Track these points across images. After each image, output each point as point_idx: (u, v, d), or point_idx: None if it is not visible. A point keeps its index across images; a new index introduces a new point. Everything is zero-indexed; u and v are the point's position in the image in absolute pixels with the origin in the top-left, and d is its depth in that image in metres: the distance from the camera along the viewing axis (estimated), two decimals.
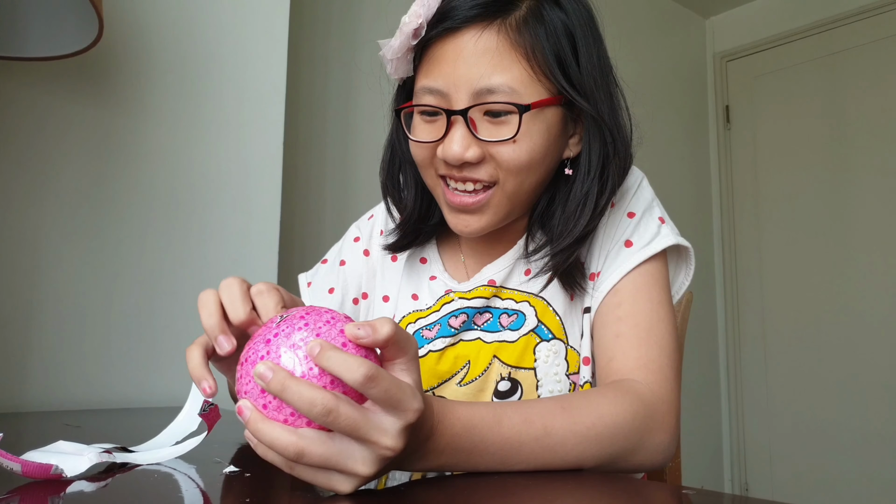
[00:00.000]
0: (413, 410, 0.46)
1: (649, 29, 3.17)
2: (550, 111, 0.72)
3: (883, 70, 2.88)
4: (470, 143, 0.71)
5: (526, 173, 0.73)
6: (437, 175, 0.76)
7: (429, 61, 0.74)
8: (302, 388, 0.44)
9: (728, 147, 3.38)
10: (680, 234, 0.80)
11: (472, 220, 0.76)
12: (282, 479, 0.53)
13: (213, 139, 1.43)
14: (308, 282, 0.96)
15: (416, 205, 0.85)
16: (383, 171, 0.87)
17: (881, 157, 2.86)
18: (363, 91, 2.05)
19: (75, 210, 1.25)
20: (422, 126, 0.75)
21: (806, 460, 2.95)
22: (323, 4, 2.01)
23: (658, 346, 0.72)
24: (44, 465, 0.50)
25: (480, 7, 0.70)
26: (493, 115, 0.71)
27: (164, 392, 1.31)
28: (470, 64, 0.70)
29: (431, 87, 0.72)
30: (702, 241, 3.30)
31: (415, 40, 0.74)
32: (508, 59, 0.70)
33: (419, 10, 0.72)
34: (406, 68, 0.77)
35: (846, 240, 2.93)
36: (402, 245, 0.88)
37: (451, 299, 0.84)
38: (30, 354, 1.19)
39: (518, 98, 0.70)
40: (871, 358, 2.80)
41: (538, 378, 0.77)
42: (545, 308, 0.80)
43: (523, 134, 0.70)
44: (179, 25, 1.41)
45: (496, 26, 0.70)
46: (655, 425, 0.66)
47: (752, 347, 3.19)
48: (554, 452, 0.58)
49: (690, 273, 0.84)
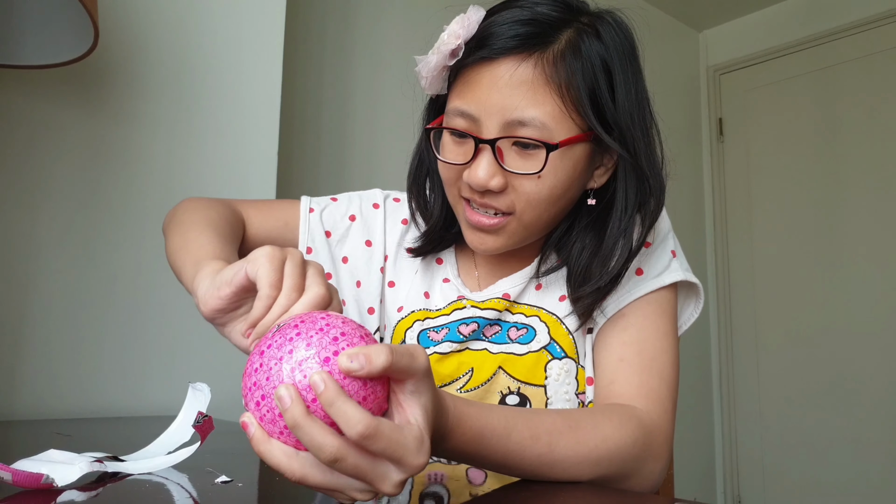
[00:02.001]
0: (415, 466, 0.44)
1: (643, 42, 3.18)
2: (579, 147, 0.72)
3: (875, 84, 2.91)
4: (495, 173, 0.71)
5: (545, 207, 0.73)
6: (459, 195, 0.76)
7: (463, 83, 0.73)
8: (315, 431, 0.42)
9: (721, 159, 3.39)
10: (690, 271, 0.81)
11: (488, 240, 0.76)
12: (273, 489, 0.53)
13: (208, 148, 1.43)
14: (311, 208, 0.92)
15: (441, 212, 0.85)
16: (410, 177, 0.87)
17: (873, 169, 2.88)
18: (358, 100, 2.05)
19: (69, 218, 1.25)
20: (450, 146, 0.75)
21: (798, 473, 2.95)
22: (318, 14, 2.02)
23: (659, 375, 0.73)
24: (35, 474, 0.50)
25: (521, 39, 0.70)
26: (522, 146, 0.70)
27: (156, 401, 1.30)
28: (504, 94, 0.69)
29: (463, 111, 0.72)
30: (695, 252, 3.31)
31: (451, 60, 0.74)
32: (542, 94, 0.69)
33: (459, 30, 0.72)
34: (441, 85, 0.78)
35: (839, 252, 2.94)
36: (426, 251, 0.88)
37: (463, 306, 0.84)
38: (21, 362, 1.18)
39: (548, 134, 0.69)
40: (864, 371, 2.81)
41: (548, 396, 0.78)
42: (558, 325, 0.80)
43: (548, 171, 0.70)
44: (175, 34, 1.41)
45: (534, 59, 0.69)
46: (652, 454, 0.67)
47: (744, 359, 3.20)
48: (552, 469, 0.59)
49: (699, 308, 0.84)
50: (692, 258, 3.25)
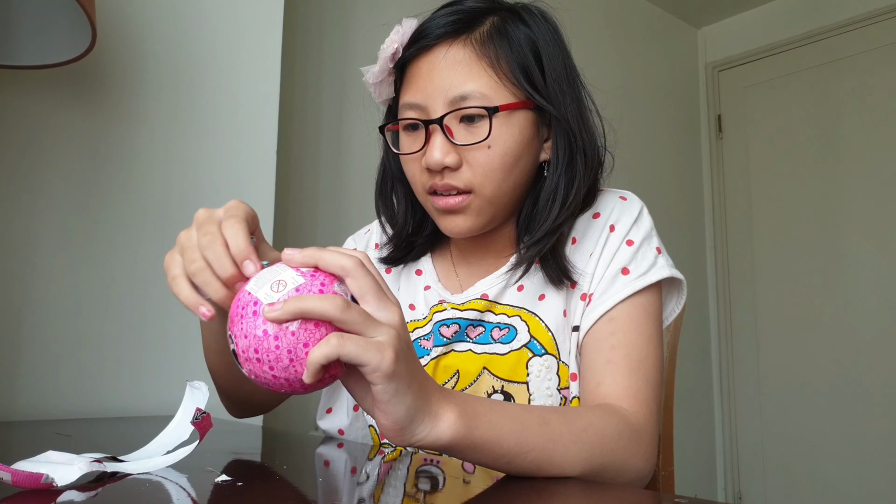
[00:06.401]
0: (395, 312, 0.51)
1: (642, 39, 3.19)
2: (520, 115, 0.78)
3: (873, 80, 2.91)
4: (449, 150, 0.76)
5: (502, 177, 0.78)
6: (425, 191, 0.80)
7: (407, 80, 0.81)
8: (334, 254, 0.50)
9: (720, 156, 3.39)
10: (674, 266, 0.83)
11: (458, 220, 0.80)
12: (274, 489, 0.53)
13: (206, 148, 1.43)
14: None
15: (406, 218, 0.90)
16: (377, 190, 0.92)
17: (872, 165, 2.88)
18: (356, 99, 2.05)
19: (67, 218, 1.25)
20: (406, 141, 0.82)
21: (799, 469, 2.95)
22: (316, 13, 2.02)
23: (645, 378, 0.75)
24: (35, 474, 0.49)
25: (449, 25, 0.78)
26: (468, 119, 0.77)
27: (155, 401, 1.30)
28: (443, 76, 0.77)
29: (411, 103, 0.79)
30: (694, 249, 3.31)
31: (392, 63, 0.83)
32: (477, 69, 0.77)
33: (395, 36, 0.82)
34: (388, 90, 0.86)
35: (838, 248, 2.94)
36: (396, 258, 0.92)
37: (443, 308, 0.86)
38: (20, 363, 1.18)
39: (489, 102, 0.76)
40: (865, 367, 2.81)
41: (530, 392, 0.79)
42: (538, 324, 0.82)
43: (495, 138, 0.76)
44: (173, 34, 1.41)
45: (462, 40, 0.78)
46: (640, 451, 0.69)
47: (744, 356, 3.20)
48: (555, 445, 0.60)
49: (682, 303, 0.87)
50: (691, 254, 3.27)
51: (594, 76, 0.91)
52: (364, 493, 0.56)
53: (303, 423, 1.77)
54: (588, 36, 2.85)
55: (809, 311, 2.99)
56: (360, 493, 0.57)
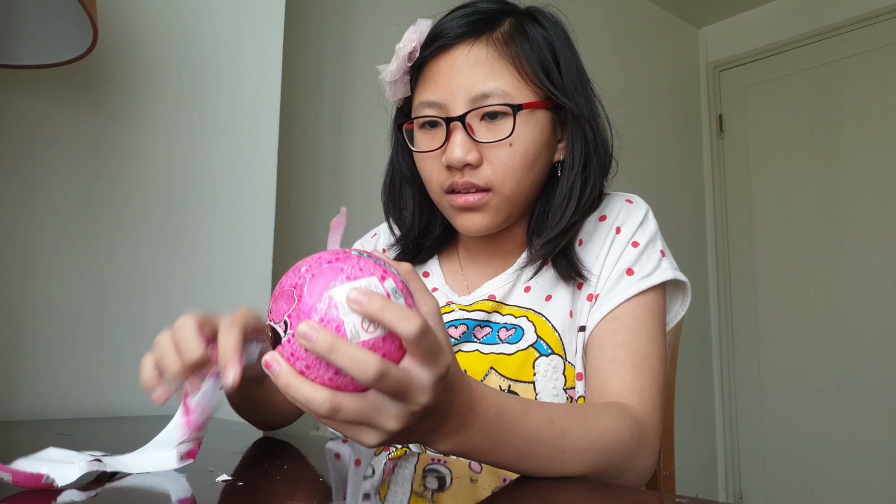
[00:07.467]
0: (444, 365, 0.47)
1: (643, 39, 3.19)
2: (540, 114, 0.79)
3: (874, 79, 2.90)
4: (471, 147, 0.77)
5: (521, 175, 0.78)
6: (442, 190, 0.80)
7: (425, 79, 0.81)
8: (354, 350, 0.44)
9: (721, 156, 3.39)
10: (678, 269, 0.83)
11: (476, 218, 0.80)
12: (275, 489, 0.53)
13: (207, 147, 1.43)
14: None
15: (414, 220, 0.90)
16: (384, 191, 0.92)
17: (873, 165, 2.88)
18: (358, 99, 2.05)
19: (67, 217, 1.25)
20: (423, 139, 0.81)
21: (800, 469, 2.95)
22: (317, 13, 2.02)
23: (650, 375, 0.75)
24: (35, 474, 0.49)
25: (469, 25, 0.79)
26: (490, 117, 0.77)
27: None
28: (464, 74, 0.77)
29: (430, 101, 0.79)
30: (695, 249, 3.31)
31: (410, 63, 0.82)
32: (499, 68, 0.77)
33: (412, 35, 0.81)
34: (404, 89, 0.85)
35: (840, 248, 2.94)
36: (404, 260, 0.90)
37: (451, 309, 0.86)
38: (20, 362, 1.18)
39: (511, 100, 0.76)
40: (866, 367, 2.81)
41: (537, 392, 0.79)
42: (544, 324, 0.82)
43: (517, 136, 0.77)
44: (174, 34, 1.41)
45: (484, 40, 0.78)
46: (645, 449, 0.69)
47: (746, 356, 3.20)
48: (563, 455, 0.59)
49: (686, 306, 0.87)
50: (692, 255, 3.27)
51: (595, 76, 0.91)
52: (366, 492, 0.56)
53: (303, 423, 1.77)
54: (589, 35, 2.85)
55: (810, 311, 2.99)
56: (362, 491, 0.57)
